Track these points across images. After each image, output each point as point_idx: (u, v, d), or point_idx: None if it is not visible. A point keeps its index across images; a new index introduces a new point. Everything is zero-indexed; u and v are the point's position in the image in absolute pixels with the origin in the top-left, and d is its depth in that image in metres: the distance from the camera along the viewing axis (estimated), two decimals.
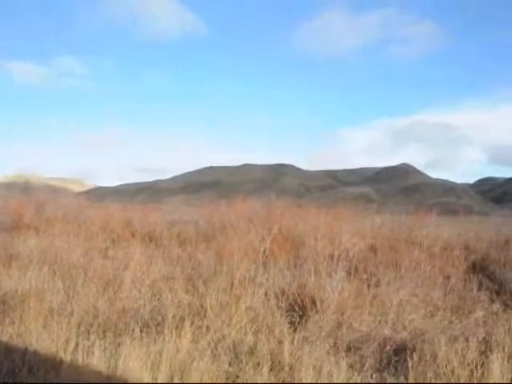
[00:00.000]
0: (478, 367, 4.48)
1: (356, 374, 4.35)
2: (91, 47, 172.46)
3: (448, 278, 9.28)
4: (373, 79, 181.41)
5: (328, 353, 4.81)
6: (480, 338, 5.10)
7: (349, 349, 5.09)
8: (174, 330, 4.88)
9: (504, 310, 7.13)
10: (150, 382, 4.03)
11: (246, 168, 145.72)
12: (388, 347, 5.06)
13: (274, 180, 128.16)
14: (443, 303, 7.53)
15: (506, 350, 4.83)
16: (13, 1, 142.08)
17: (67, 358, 4.42)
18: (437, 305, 7.33)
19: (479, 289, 8.96)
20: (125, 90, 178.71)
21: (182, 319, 5.28)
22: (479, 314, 6.70)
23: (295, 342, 4.90)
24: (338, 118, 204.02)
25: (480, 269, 11.55)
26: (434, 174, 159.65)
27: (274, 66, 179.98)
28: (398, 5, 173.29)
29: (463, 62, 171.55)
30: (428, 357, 4.66)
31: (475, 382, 4.27)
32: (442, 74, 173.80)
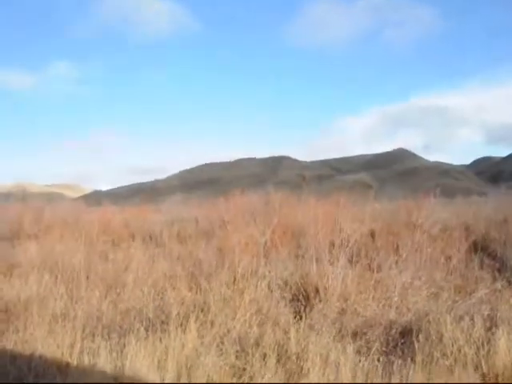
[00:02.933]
0: (485, 344, 4.49)
1: (363, 358, 4.35)
2: (84, 51, 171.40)
3: (450, 259, 9.28)
4: (367, 66, 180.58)
5: (334, 339, 4.82)
6: (485, 315, 5.11)
7: (355, 334, 5.10)
8: (178, 327, 4.87)
9: (506, 287, 7.14)
10: (158, 380, 4.02)
11: (243, 163, 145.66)
12: (394, 330, 5.08)
13: (271, 173, 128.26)
14: (446, 284, 7.54)
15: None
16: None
17: (73, 361, 4.41)
18: (440, 286, 7.34)
19: (481, 267, 8.99)
20: (119, 92, 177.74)
21: (187, 316, 5.27)
22: (482, 292, 6.72)
23: (301, 331, 4.89)
24: (333, 107, 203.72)
25: (481, 248, 11.58)
26: (432, 157, 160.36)
27: (267, 59, 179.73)
28: None
29: (456, 44, 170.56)
30: (434, 337, 4.67)
31: (482, 359, 4.28)
32: (437, 56, 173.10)
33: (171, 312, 5.43)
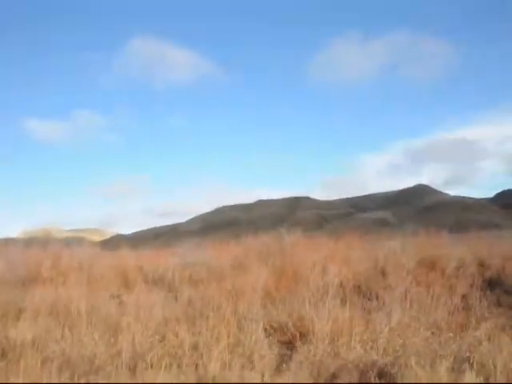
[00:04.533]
0: None
1: None
2: (109, 100, 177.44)
3: (460, 296, 9.09)
4: (387, 102, 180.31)
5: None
6: (463, 357, 4.98)
7: (331, 378, 5.07)
8: (157, 369, 4.95)
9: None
10: None
11: (262, 204, 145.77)
12: (370, 373, 5.03)
13: (290, 213, 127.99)
14: (446, 324, 7.39)
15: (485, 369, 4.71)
16: (31, 62, 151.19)
17: None
18: (439, 325, 7.21)
19: (496, 305, 8.80)
20: (144, 138, 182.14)
21: (169, 358, 5.35)
22: (480, 331, 6.57)
23: (277, 374, 4.91)
24: (353, 144, 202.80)
25: (496, 284, 11.42)
26: (454, 192, 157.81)
27: (287, 99, 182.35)
28: (409, 26, 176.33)
29: (477, 75, 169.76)
30: (399, 380, 4.60)
31: None
32: (457, 89, 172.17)
33: (155, 354, 5.52)
